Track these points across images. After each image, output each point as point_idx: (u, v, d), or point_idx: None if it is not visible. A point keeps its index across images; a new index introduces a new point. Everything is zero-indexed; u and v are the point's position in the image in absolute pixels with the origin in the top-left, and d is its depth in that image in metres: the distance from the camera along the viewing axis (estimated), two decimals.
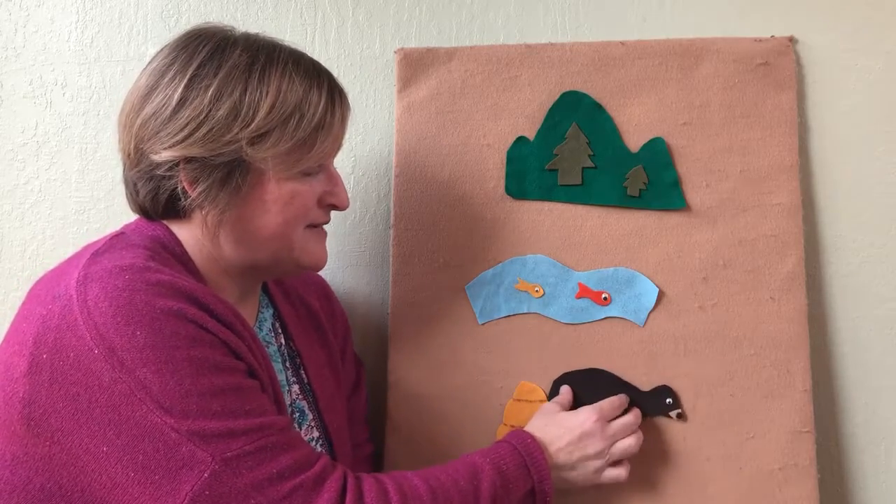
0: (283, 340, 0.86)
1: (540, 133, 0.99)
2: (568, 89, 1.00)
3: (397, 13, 1.06)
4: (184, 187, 0.72)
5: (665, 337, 0.96)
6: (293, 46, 0.79)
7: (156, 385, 0.62)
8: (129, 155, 0.74)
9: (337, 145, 0.81)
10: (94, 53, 1.10)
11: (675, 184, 0.98)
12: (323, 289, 0.98)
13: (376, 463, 1.01)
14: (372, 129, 1.06)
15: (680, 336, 0.96)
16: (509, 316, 0.99)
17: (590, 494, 0.95)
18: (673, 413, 0.95)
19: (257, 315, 0.85)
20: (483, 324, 0.99)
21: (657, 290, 0.97)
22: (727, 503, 0.94)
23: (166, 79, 0.72)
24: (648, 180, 0.98)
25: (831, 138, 1.00)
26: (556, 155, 0.99)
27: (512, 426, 0.97)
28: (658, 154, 0.98)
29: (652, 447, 0.95)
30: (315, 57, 1.06)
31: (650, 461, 0.95)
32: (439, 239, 1.00)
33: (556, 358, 0.97)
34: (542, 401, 0.97)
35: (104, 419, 0.62)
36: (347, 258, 1.06)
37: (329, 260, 1.05)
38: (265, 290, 0.88)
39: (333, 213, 1.05)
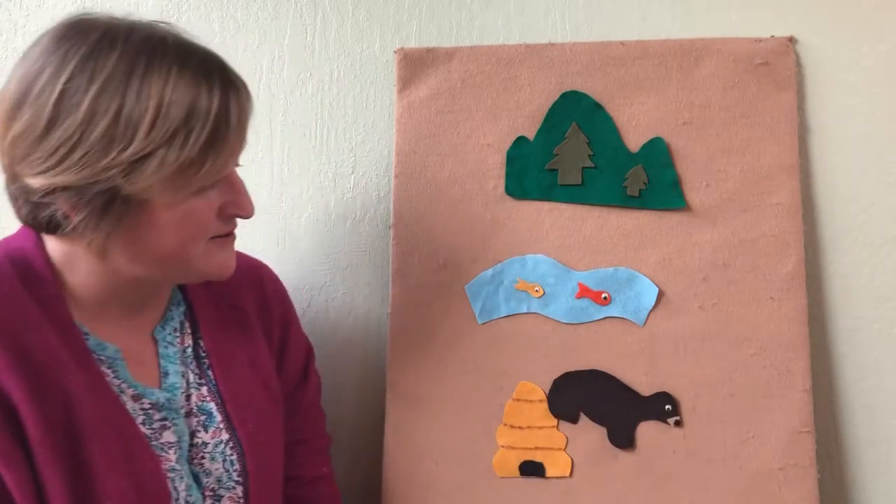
0: (190, 340, 0.81)
1: (540, 133, 1.00)
2: (568, 89, 1.00)
3: (397, 13, 1.06)
4: (64, 213, 0.65)
5: (665, 337, 0.96)
6: (180, 36, 0.69)
7: None
8: (4, 167, 0.67)
9: (236, 153, 0.72)
10: None
11: (675, 184, 0.98)
12: (258, 282, 0.90)
13: (375, 462, 1.01)
14: (372, 129, 1.06)
15: (680, 336, 0.96)
16: (509, 316, 0.99)
17: (589, 495, 0.95)
18: (671, 420, 0.95)
19: (164, 313, 0.80)
20: (483, 324, 0.99)
21: (657, 289, 0.97)
22: (727, 503, 0.94)
23: (36, 89, 0.64)
24: (648, 180, 0.98)
25: (831, 138, 1.00)
26: (556, 155, 0.99)
27: (512, 426, 0.97)
28: (658, 154, 0.98)
29: (652, 447, 0.95)
30: (315, 57, 1.07)
31: (650, 461, 0.95)
32: (439, 239, 1.00)
33: (556, 358, 0.97)
34: (541, 401, 0.97)
35: None
36: (347, 258, 1.06)
37: (329, 260, 1.06)
38: (181, 286, 0.83)
39: (334, 213, 1.06)
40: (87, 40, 0.65)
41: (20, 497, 0.63)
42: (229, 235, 0.76)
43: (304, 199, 1.06)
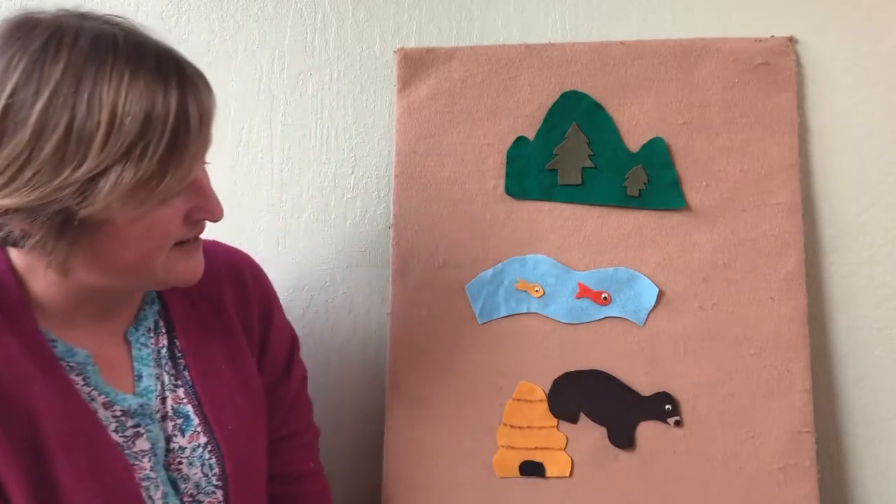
0: (165, 341, 0.78)
1: (540, 133, 1.00)
2: (568, 89, 1.00)
3: (397, 13, 1.06)
4: (21, 231, 0.62)
5: (665, 337, 0.97)
6: (133, 31, 0.64)
7: None
8: None
9: (201, 155, 0.67)
10: None
11: (675, 184, 0.98)
12: (237, 274, 0.86)
13: (376, 462, 1.01)
14: (372, 129, 1.06)
15: (680, 336, 0.96)
16: (509, 316, 0.99)
17: (589, 495, 0.95)
18: (671, 420, 0.95)
19: (137, 313, 0.77)
20: (483, 324, 0.99)
21: (657, 289, 0.97)
22: (727, 503, 0.94)
23: None
24: (648, 180, 0.98)
25: (831, 138, 1.00)
26: (556, 155, 0.99)
27: (512, 426, 0.97)
28: (658, 154, 0.98)
29: (652, 447, 0.95)
30: (315, 57, 1.07)
31: (650, 461, 0.95)
32: (439, 239, 1.00)
33: (556, 358, 0.97)
34: (541, 401, 0.97)
35: None
36: (347, 258, 1.06)
37: (329, 260, 1.06)
38: None
39: (334, 213, 1.06)
40: (31, 46, 0.59)
41: None
42: (195, 241, 0.72)
43: (304, 199, 1.06)
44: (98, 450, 0.67)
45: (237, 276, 0.86)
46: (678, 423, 0.95)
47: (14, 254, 0.68)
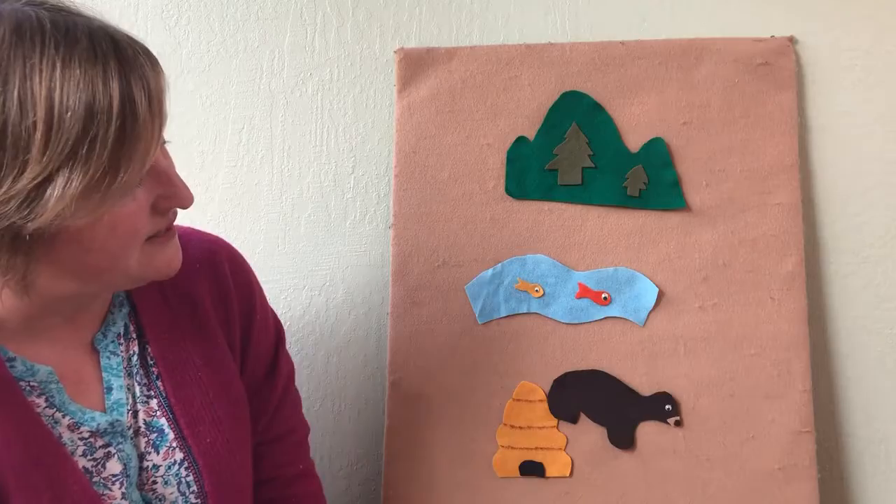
0: (136, 347, 0.71)
1: (540, 133, 1.00)
2: (568, 89, 1.00)
3: (397, 13, 1.06)
4: None
5: (665, 337, 0.97)
6: (62, 13, 0.55)
7: None
8: None
9: (156, 140, 0.58)
10: None
11: (675, 184, 0.98)
12: (213, 265, 0.78)
13: (376, 463, 1.01)
14: (372, 129, 1.06)
15: (680, 336, 0.96)
16: (509, 316, 0.99)
17: (589, 495, 0.95)
18: (671, 420, 0.95)
19: (104, 318, 0.70)
20: (483, 324, 0.99)
21: (657, 289, 0.97)
22: (727, 503, 0.94)
23: None
24: (648, 180, 0.98)
25: (831, 138, 1.00)
26: (556, 155, 0.99)
27: (512, 426, 0.97)
28: (658, 154, 0.98)
29: (652, 447, 0.95)
30: (315, 57, 1.07)
31: (650, 461, 0.95)
32: (439, 239, 1.00)
33: (556, 358, 0.97)
34: (541, 401, 0.97)
35: None
36: (347, 258, 1.06)
37: (329, 260, 1.06)
38: None
39: (334, 213, 1.06)
40: None
41: None
42: (169, 230, 0.65)
43: (304, 199, 1.06)
44: (61, 485, 0.60)
45: (214, 269, 0.78)
46: (678, 423, 0.95)
47: None
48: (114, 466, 0.65)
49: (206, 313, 0.75)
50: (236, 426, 0.75)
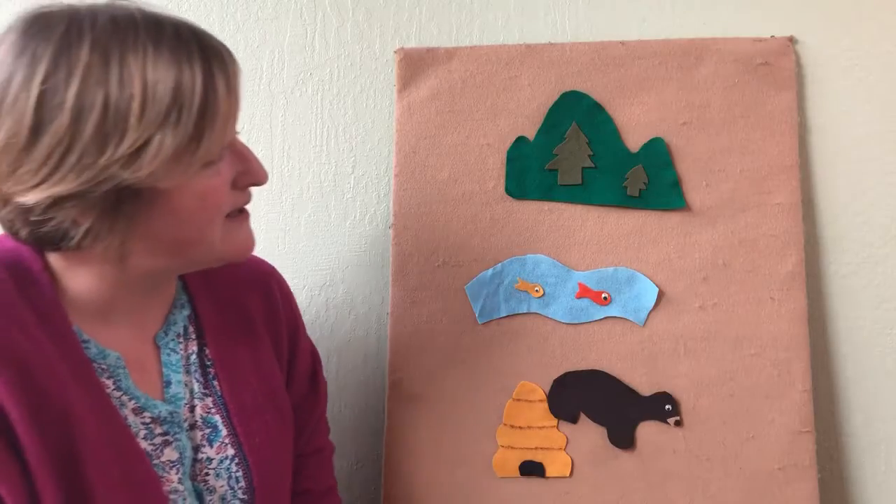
0: (195, 347, 0.76)
1: (540, 133, 1.00)
2: (568, 89, 1.00)
3: (397, 13, 1.06)
4: (73, 221, 0.61)
5: (665, 337, 0.97)
6: (146, 10, 0.64)
7: None
8: None
9: (233, 119, 0.67)
10: None
11: (675, 184, 0.98)
12: (265, 285, 0.85)
13: (376, 462, 1.01)
14: (372, 129, 1.06)
15: (680, 336, 0.96)
16: (509, 316, 0.99)
17: (589, 495, 0.95)
18: (671, 420, 0.95)
19: (166, 317, 0.75)
20: (483, 324, 0.99)
21: (657, 289, 0.97)
22: (727, 503, 0.94)
23: (9, 97, 0.58)
24: (648, 180, 0.98)
25: (831, 138, 1.00)
26: (556, 155, 0.99)
27: (512, 426, 0.97)
28: (658, 154, 0.98)
29: (652, 447, 0.95)
30: (315, 57, 1.07)
31: (650, 461, 0.95)
32: (439, 239, 1.00)
33: (556, 358, 0.97)
34: (541, 401, 0.97)
35: None
36: (347, 258, 1.06)
37: (329, 260, 1.06)
38: (185, 287, 0.79)
39: (334, 213, 1.06)
40: (52, 35, 0.60)
41: None
42: (243, 212, 0.73)
43: (304, 199, 1.06)
44: (129, 460, 0.65)
45: (265, 288, 0.85)
46: (678, 423, 0.95)
47: (51, 254, 0.67)
48: (171, 454, 0.70)
49: (257, 325, 0.81)
50: (281, 432, 0.80)
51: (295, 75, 1.07)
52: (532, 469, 0.96)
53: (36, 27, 0.60)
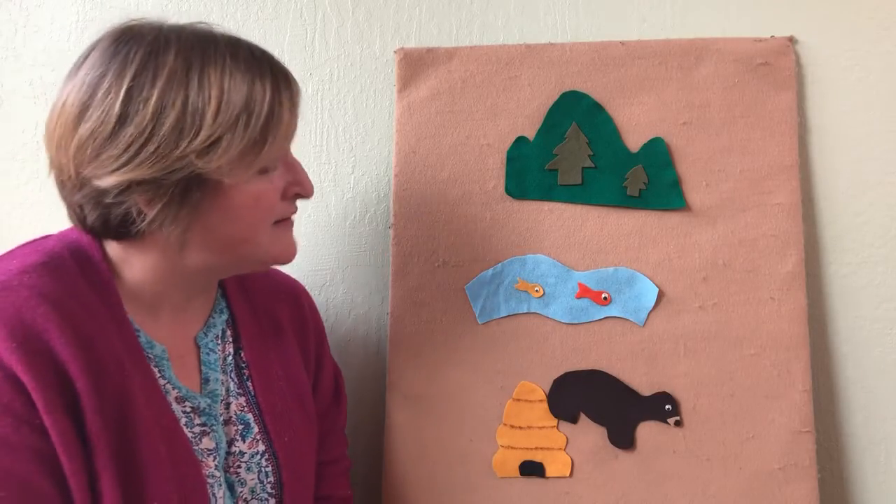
0: (231, 349, 0.82)
1: (540, 133, 1.00)
2: (568, 89, 1.00)
3: (397, 13, 1.06)
4: (140, 209, 0.68)
5: (665, 337, 0.97)
6: (225, 32, 0.73)
7: None
8: (69, 177, 0.68)
9: (290, 134, 0.76)
10: None
11: (675, 184, 0.98)
12: (295, 297, 0.92)
13: (376, 462, 1.01)
14: (372, 129, 1.06)
15: (680, 336, 0.96)
16: (509, 316, 0.99)
17: (589, 495, 0.95)
18: (671, 420, 0.95)
19: (206, 320, 0.81)
20: (483, 323, 0.99)
21: (657, 289, 0.97)
22: (727, 503, 0.94)
23: (100, 92, 0.66)
24: (648, 180, 0.98)
25: (831, 138, 1.00)
26: (556, 155, 0.99)
27: (512, 426, 0.97)
28: (658, 154, 0.98)
29: (652, 447, 0.95)
30: (315, 57, 1.07)
31: (650, 461, 0.95)
32: (439, 239, 1.00)
33: (556, 358, 0.97)
34: (541, 401, 0.97)
35: None
36: (347, 258, 1.06)
37: (329, 260, 1.06)
38: (223, 293, 0.85)
39: (334, 213, 1.06)
40: (143, 42, 0.68)
41: (75, 485, 0.63)
42: (288, 220, 0.79)
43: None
44: (174, 440, 0.70)
45: (294, 300, 0.92)
46: (678, 423, 0.95)
47: (110, 244, 0.72)
48: (208, 443, 0.75)
49: (287, 333, 0.88)
50: (308, 434, 0.85)
51: (295, 75, 1.07)
52: (532, 469, 0.96)
53: (128, 35, 0.69)
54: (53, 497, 0.62)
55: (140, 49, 0.68)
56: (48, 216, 1.10)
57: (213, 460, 0.74)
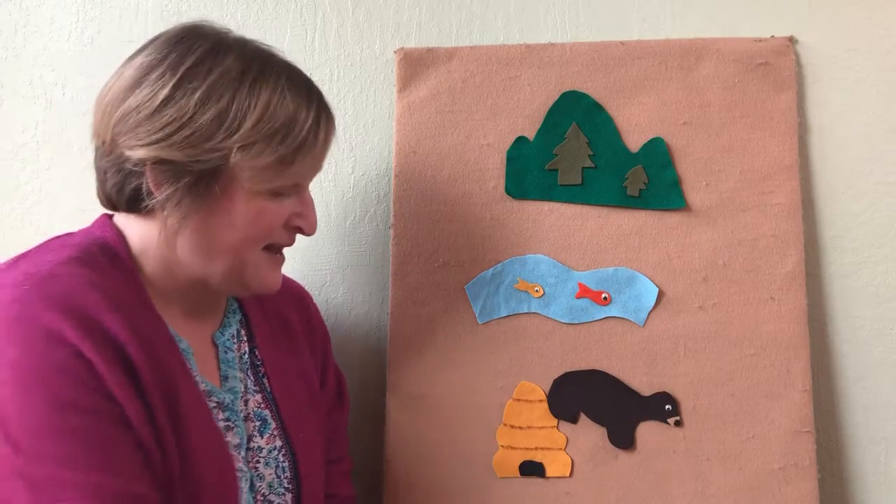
0: (246, 348, 0.84)
1: (540, 133, 1.00)
2: (568, 89, 1.00)
3: (397, 13, 1.06)
4: (149, 188, 0.70)
5: (665, 337, 0.97)
6: (288, 60, 0.77)
7: (10, 409, 0.60)
8: (103, 142, 0.72)
9: (316, 168, 0.79)
10: (94, 53, 1.10)
11: (675, 184, 0.98)
12: (301, 300, 0.95)
13: (376, 463, 1.01)
14: (372, 129, 1.06)
15: (680, 336, 0.96)
16: (509, 316, 0.99)
17: (589, 495, 0.95)
18: (671, 420, 0.95)
19: (222, 320, 0.83)
20: (483, 323, 0.99)
21: (657, 289, 0.97)
22: (727, 503, 0.94)
23: (155, 74, 0.70)
24: (648, 180, 0.98)
25: (831, 138, 1.00)
26: (556, 155, 0.99)
27: (512, 426, 0.97)
28: (658, 154, 0.98)
29: (652, 447, 0.95)
30: (315, 57, 1.07)
31: (650, 461, 0.95)
32: (439, 239, 1.00)
33: (556, 358, 0.97)
34: (541, 401, 0.97)
35: None
36: (347, 258, 1.06)
37: (329, 260, 1.06)
38: (235, 297, 0.86)
39: (334, 213, 1.06)
40: (206, 40, 0.72)
41: (150, 454, 0.65)
42: (279, 255, 0.80)
43: None
44: (209, 427, 0.72)
45: (302, 304, 0.94)
46: (678, 423, 0.95)
47: (130, 232, 0.74)
48: (232, 438, 0.76)
49: (297, 334, 0.90)
50: (319, 431, 0.88)
51: None
52: (532, 469, 0.96)
53: (196, 31, 0.74)
54: (138, 462, 0.64)
55: (202, 46, 0.72)
56: (48, 216, 1.10)
57: (239, 453, 0.76)
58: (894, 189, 0.99)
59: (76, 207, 1.09)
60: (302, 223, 0.79)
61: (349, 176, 1.06)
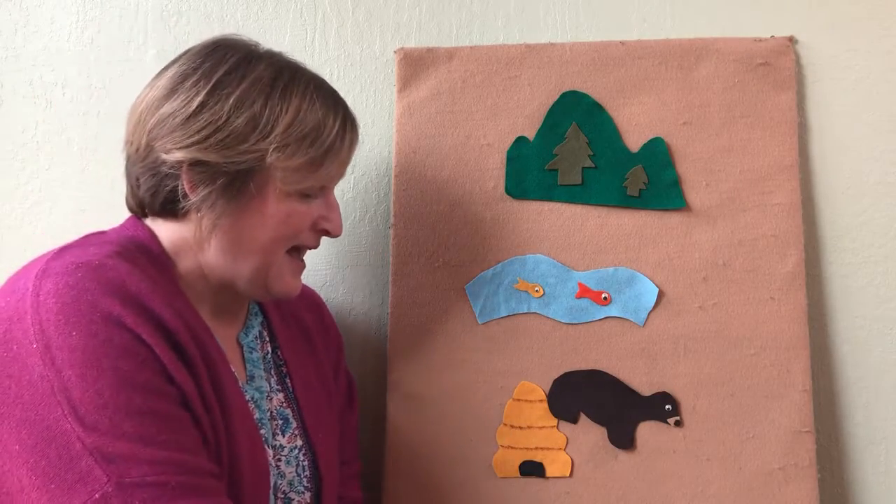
0: (269, 349, 0.86)
1: (540, 133, 1.00)
2: (568, 89, 1.00)
3: (397, 13, 1.06)
4: (185, 191, 0.73)
5: (665, 337, 0.97)
6: (314, 72, 0.80)
7: (77, 390, 0.61)
8: (137, 149, 0.74)
9: (342, 171, 0.82)
10: (94, 53, 1.10)
11: (675, 184, 0.98)
12: (315, 304, 0.97)
13: (376, 462, 1.01)
14: (372, 129, 1.06)
15: (680, 336, 0.96)
16: (509, 316, 0.99)
17: (589, 495, 0.95)
18: (671, 420, 0.95)
19: (245, 321, 0.85)
20: (483, 324, 0.99)
21: (657, 289, 0.97)
22: (727, 503, 0.94)
23: (189, 82, 0.73)
24: (648, 180, 0.98)
25: (831, 138, 1.00)
26: (556, 155, 0.99)
27: (512, 426, 0.97)
28: (658, 154, 0.98)
29: (652, 447, 0.95)
30: (315, 57, 1.07)
31: (650, 461, 0.95)
32: (439, 239, 1.00)
33: (556, 358, 0.97)
34: (541, 401, 0.97)
35: (22, 417, 0.61)
36: (347, 258, 1.06)
37: (329, 260, 1.06)
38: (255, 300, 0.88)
39: None
40: (238, 51, 0.76)
41: (206, 433, 0.67)
42: (301, 261, 0.83)
43: None
44: (249, 421, 0.74)
45: (317, 309, 0.97)
46: (678, 423, 0.95)
47: (162, 232, 0.76)
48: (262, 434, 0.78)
49: (314, 337, 0.92)
50: (335, 431, 0.90)
51: None
52: (532, 469, 0.96)
53: (228, 43, 0.77)
54: (197, 437, 0.66)
55: (234, 55, 0.75)
56: (48, 216, 1.10)
57: (267, 448, 0.77)
58: (894, 189, 0.99)
59: (76, 207, 1.09)
60: (328, 225, 0.81)
61: (349, 176, 1.06)
